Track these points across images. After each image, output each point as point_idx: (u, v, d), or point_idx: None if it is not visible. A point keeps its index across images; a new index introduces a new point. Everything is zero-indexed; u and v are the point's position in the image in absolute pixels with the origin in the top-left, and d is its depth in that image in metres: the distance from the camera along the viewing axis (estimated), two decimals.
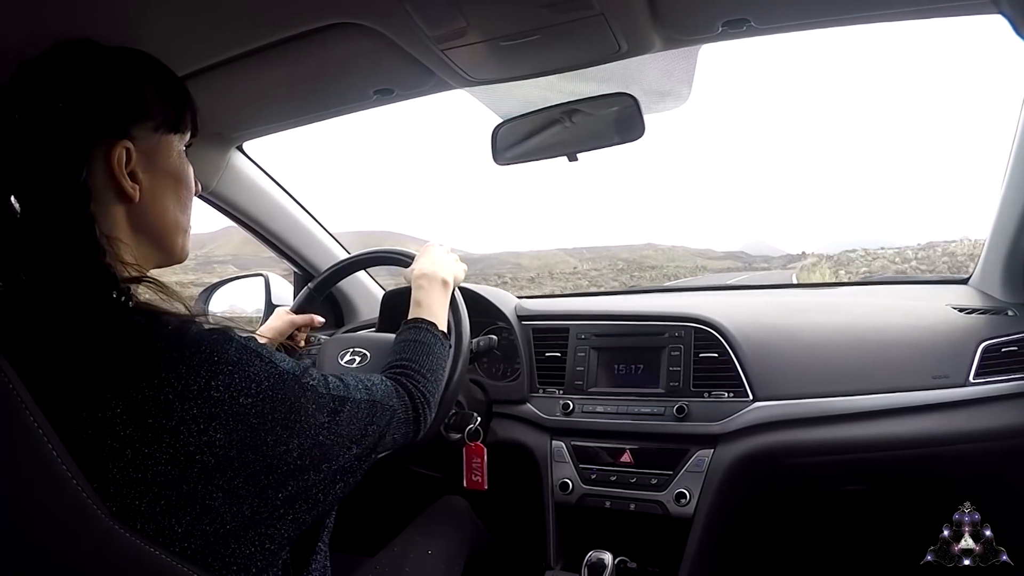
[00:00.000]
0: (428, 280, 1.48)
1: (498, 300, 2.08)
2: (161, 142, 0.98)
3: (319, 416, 0.94)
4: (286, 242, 2.26)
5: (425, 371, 1.27)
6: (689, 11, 1.37)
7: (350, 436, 0.99)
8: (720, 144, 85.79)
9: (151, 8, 1.20)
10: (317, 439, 0.92)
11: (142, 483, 0.77)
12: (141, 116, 0.94)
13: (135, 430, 0.77)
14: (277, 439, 0.86)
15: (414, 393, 1.21)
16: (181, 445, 0.78)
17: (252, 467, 0.84)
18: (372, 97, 1.71)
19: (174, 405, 0.78)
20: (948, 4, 1.32)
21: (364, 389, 1.07)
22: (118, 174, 0.90)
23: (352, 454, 1.00)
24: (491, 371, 2.09)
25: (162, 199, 0.98)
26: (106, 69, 0.92)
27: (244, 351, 0.86)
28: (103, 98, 0.90)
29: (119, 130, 0.91)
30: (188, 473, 0.78)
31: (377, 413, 1.07)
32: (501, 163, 1.80)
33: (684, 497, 1.71)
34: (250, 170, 2.11)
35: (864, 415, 1.68)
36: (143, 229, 0.96)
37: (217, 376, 0.81)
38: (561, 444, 1.89)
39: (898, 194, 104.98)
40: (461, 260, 1.62)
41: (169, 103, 0.98)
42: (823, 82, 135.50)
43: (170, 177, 0.99)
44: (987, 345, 1.71)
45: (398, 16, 1.28)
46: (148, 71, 0.97)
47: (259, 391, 0.85)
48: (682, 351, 1.84)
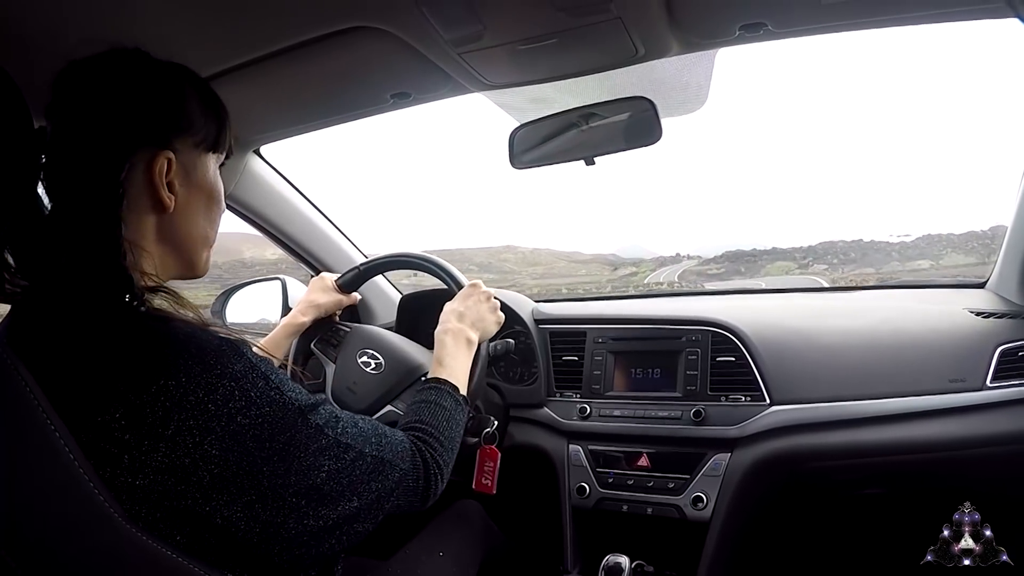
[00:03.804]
0: (454, 338, 1.45)
1: (515, 304, 2.07)
2: (200, 158, 1.00)
3: (320, 458, 0.91)
4: (304, 246, 2.26)
5: (444, 439, 1.22)
6: (706, 15, 1.37)
7: (351, 487, 0.96)
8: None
9: (170, 12, 1.21)
10: (315, 482, 0.90)
11: (139, 490, 0.77)
12: (185, 130, 0.96)
13: (132, 436, 0.77)
14: (273, 470, 0.85)
15: (429, 462, 1.15)
16: (178, 456, 0.78)
17: (248, 495, 0.83)
18: (389, 101, 1.72)
19: (172, 414, 0.78)
20: (964, 8, 1.32)
21: (375, 443, 1.03)
22: (158, 183, 0.92)
23: (352, 506, 0.96)
24: (508, 375, 2.09)
25: (194, 213, 1.00)
26: (156, 80, 0.95)
27: (250, 370, 0.85)
28: (152, 107, 0.93)
29: (163, 140, 0.93)
30: (184, 487, 0.79)
31: (384, 472, 1.03)
32: (518, 167, 1.80)
33: (701, 501, 1.70)
34: (268, 174, 2.12)
35: (880, 419, 1.67)
36: (169, 240, 0.98)
37: (216, 390, 0.81)
38: (578, 448, 1.89)
39: (793, 196, 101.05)
40: (499, 309, 1.60)
41: (211, 122, 1.00)
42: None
43: (204, 193, 1.01)
44: (1004, 349, 1.70)
45: (415, 20, 1.29)
46: (195, 88, 1.00)
47: (258, 415, 0.84)
48: (699, 355, 1.84)
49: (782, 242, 14.28)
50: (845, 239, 9.40)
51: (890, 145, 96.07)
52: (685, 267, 10.70)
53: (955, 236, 8.00)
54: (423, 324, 1.47)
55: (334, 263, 2.29)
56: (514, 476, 1.77)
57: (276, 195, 2.16)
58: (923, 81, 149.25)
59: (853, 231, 20.92)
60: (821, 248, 9.23)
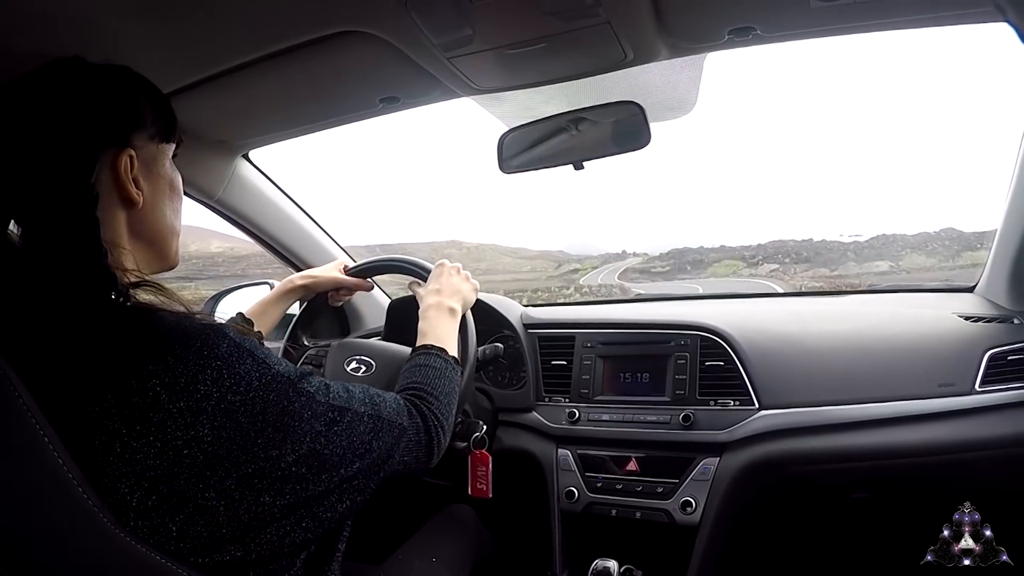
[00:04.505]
0: (436, 310, 1.49)
1: (504, 308, 2.08)
2: (157, 150, 1.02)
3: (315, 424, 0.93)
4: (292, 251, 2.26)
5: (439, 394, 1.26)
6: (695, 19, 1.37)
7: (351, 449, 0.98)
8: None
9: (158, 15, 1.21)
10: (313, 447, 0.92)
11: (131, 476, 0.77)
12: (139, 125, 0.98)
13: (123, 423, 0.77)
14: (268, 442, 0.86)
15: (427, 415, 1.19)
16: (169, 439, 0.78)
17: (244, 468, 0.83)
18: (378, 105, 1.72)
19: (161, 398, 0.78)
20: (953, 12, 1.33)
21: (370, 403, 1.05)
22: (124, 180, 0.94)
23: (355, 468, 0.98)
24: (497, 379, 2.09)
25: (161, 205, 1.02)
26: (103, 83, 0.96)
27: (236, 348, 0.86)
28: (108, 108, 0.95)
29: (122, 139, 0.95)
30: (177, 469, 0.79)
31: (383, 430, 1.05)
32: (507, 171, 1.80)
33: (690, 505, 1.70)
34: (256, 178, 2.12)
35: (870, 423, 1.67)
36: (142, 234, 1.00)
37: (205, 370, 0.82)
38: (567, 452, 1.89)
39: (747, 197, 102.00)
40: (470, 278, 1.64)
41: (160, 113, 1.02)
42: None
43: (167, 183, 1.04)
44: (993, 353, 1.70)
45: (404, 25, 1.29)
46: (139, 84, 1.01)
47: (248, 390, 0.85)
48: (688, 359, 1.84)
49: (731, 240, 14.19)
50: (795, 238, 9.34)
51: (841, 147, 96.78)
52: (628, 264, 10.65)
53: (908, 237, 8.14)
54: (413, 328, 1.47)
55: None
56: (503, 480, 1.77)
57: (264, 199, 2.16)
58: (881, 83, 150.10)
59: (802, 231, 20.91)
60: (771, 247, 9.24)
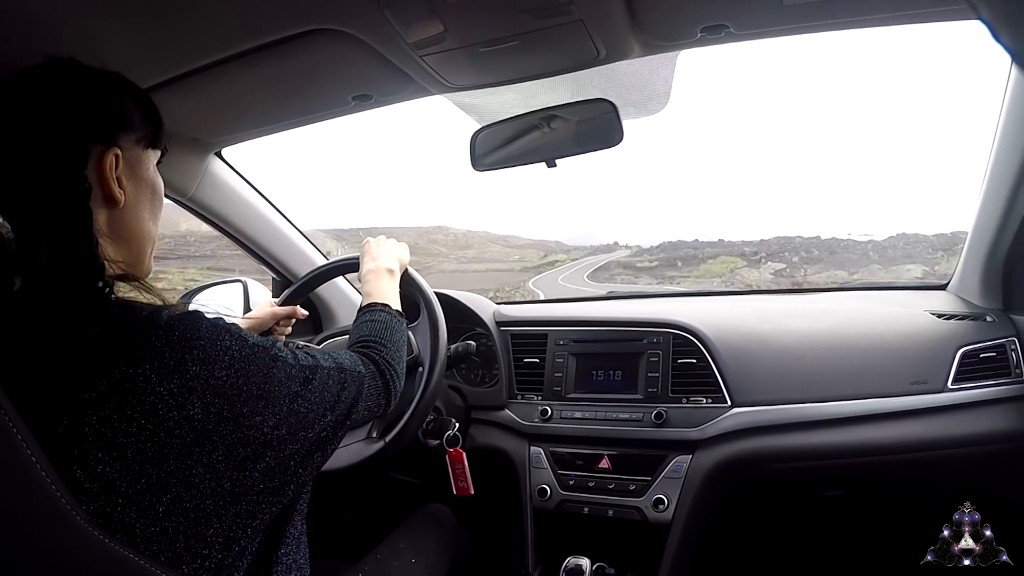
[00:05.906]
0: (374, 275, 1.54)
1: (476, 306, 2.08)
2: (142, 154, 1.04)
3: (292, 385, 0.97)
4: (264, 248, 2.25)
5: (387, 342, 1.32)
6: (668, 17, 1.37)
7: (324, 403, 1.03)
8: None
9: (130, 13, 1.21)
10: (292, 407, 0.96)
11: (122, 461, 0.78)
12: (126, 127, 1.00)
13: (113, 410, 0.78)
14: (253, 410, 0.89)
15: (379, 362, 1.26)
16: (160, 421, 0.80)
17: (230, 439, 0.86)
18: (350, 103, 1.71)
19: (151, 381, 0.80)
20: (927, 10, 1.33)
21: (331, 359, 1.11)
22: (109, 177, 0.96)
23: (327, 421, 1.04)
24: (469, 377, 2.09)
25: (141, 207, 1.04)
26: (97, 82, 0.99)
27: (215, 328, 0.89)
28: (97, 106, 0.97)
29: (109, 137, 0.97)
30: (168, 449, 0.80)
31: (348, 380, 1.11)
32: (480, 169, 1.79)
33: (662, 503, 1.71)
34: (229, 176, 2.10)
35: (842, 421, 1.69)
36: (120, 235, 1.00)
37: (192, 351, 0.84)
38: (539, 450, 1.89)
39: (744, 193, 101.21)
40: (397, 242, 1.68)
41: (147, 119, 1.04)
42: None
43: (149, 187, 1.05)
44: (965, 351, 1.72)
45: (377, 22, 1.28)
46: (128, 88, 1.03)
47: (232, 363, 0.87)
48: (660, 357, 1.85)
49: (730, 235, 13.63)
50: (803, 235, 8.64)
51: (851, 142, 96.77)
52: (611, 258, 10.49)
53: (929, 237, 6.98)
54: None
55: (294, 264, 2.30)
56: (475, 478, 1.77)
57: (237, 197, 2.15)
58: (884, 81, 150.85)
59: (805, 229, 20.55)
60: (776, 243, 8.43)
